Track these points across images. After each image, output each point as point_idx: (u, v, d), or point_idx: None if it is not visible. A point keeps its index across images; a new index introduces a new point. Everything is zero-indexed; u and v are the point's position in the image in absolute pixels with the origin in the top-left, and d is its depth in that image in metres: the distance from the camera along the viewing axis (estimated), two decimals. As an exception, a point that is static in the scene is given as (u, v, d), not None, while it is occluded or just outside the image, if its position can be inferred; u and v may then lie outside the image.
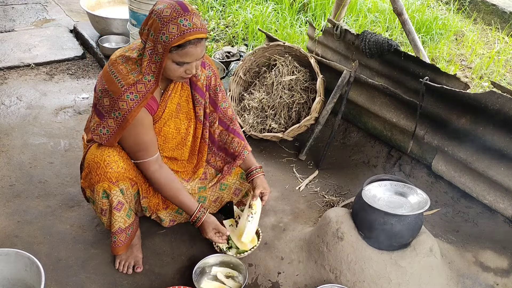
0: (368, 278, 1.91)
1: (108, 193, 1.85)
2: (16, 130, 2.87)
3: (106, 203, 1.88)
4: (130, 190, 1.94)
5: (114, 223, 1.92)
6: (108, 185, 1.83)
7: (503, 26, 4.88)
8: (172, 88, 1.89)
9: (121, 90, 1.70)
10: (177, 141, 2.04)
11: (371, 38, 2.73)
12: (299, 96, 2.97)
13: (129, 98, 1.70)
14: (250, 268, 2.10)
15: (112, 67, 1.75)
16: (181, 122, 2.00)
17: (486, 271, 2.08)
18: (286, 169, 2.83)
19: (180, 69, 1.72)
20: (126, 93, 1.70)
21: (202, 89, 2.00)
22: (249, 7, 4.38)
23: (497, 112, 2.17)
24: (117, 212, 1.90)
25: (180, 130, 2.01)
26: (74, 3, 4.78)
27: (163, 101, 1.88)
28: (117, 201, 1.88)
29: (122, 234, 1.96)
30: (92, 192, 1.88)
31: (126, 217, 1.94)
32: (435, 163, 2.54)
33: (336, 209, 2.16)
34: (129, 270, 2.04)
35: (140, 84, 1.72)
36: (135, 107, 1.72)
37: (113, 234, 1.94)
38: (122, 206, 1.91)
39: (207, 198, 2.18)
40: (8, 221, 2.22)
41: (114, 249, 1.98)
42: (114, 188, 1.85)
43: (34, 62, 3.66)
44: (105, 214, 1.92)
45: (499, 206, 2.31)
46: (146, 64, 1.71)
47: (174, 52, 1.66)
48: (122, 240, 1.97)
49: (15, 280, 1.81)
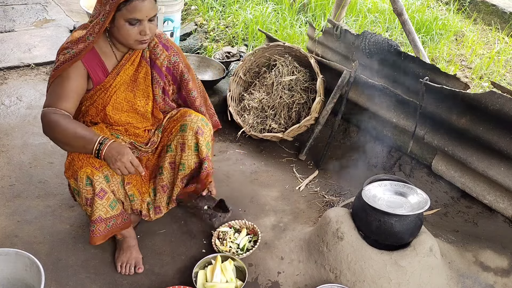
0: (368, 278, 1.91)
1: (92, 179, 1.80)
2: (16, 130, 2.87)
3: (90, 191, 1.83)
4: (115, 177, 1.91)
5: (95, 210, 1.86)
6: (91, 170, 1.79)
7: (503, 26, 4.88)
8: (127, 58, 1.92)
9: (65, 45, 1.81)
10: (130, 115, 2.01)
11: (371, 38, 2.73)
12: (299, 96, 2.97)
13: (68, 52, 1.79)
14: (250, 268, 2.10)
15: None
16: (137, 98, 1.99)
17: (486, 271, 2.08)
18: (286, 169, 2.83)
19: (133, 29, 1.77)
20: (67, 49, 1.79)
21: (161, 69, 2.01)
22: (249, 8, 4.38)
23: (497, 112, 2.17)
24: (99, 199, 1.85)
25: (134, 105, 1.99)
26: (74, 3, 4.78)
27: (114, 69, 1.90)
28: (99, 187, 1.83)
29: (101, 224, 1.90)
30: (75, 181, 1.82)
31: (108, 207, 1.90)
32: (435, 163, 2.54)
33: (336, 209, 2.16)
34: (130, 271, 2.03)
35: (81, 43, 1.79)
36: (68, 62, 1.78)
37: (92, 222, 1.89)
38: (105, 195, 1.87)
39: None
40: (8, 221, 2.21)
41: (91, 238, 1.92)
42: (97, 173, 1.81)
43: (34, 62, 3.65)
44: (90, 204, 1.87)
45: (499, 206, 2.31)
46: (92, 25, 1.78)
47: (123, 9, 1.72)
48: (101, 230, 1.91)
49: (15, 280, 1.81)
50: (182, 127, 2.04)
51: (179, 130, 2.04)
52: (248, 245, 2.19)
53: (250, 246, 2.18)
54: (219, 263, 1.99)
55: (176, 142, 2.05)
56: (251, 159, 2.89)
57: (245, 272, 2.00)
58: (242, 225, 2.28)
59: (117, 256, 2.07)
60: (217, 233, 2.22)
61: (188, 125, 2.02)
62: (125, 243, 2.08)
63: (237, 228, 2.27)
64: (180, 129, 2.04)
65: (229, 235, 2.22)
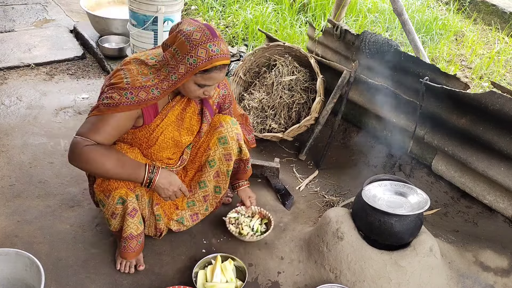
0: (368, 278, 1.91)
1: (125, 199, 1.85)
2: (16, 130, 2.87)
3: (120, 208, 1.88)
4: (145, 197, 1.96)
5: (126, 228, 1.92)
6: (125, 191, 1.84)
7: (503, 26, 4.88)
8: (178, 100, 1.90)
9: (124, 85, 1.70)
10: (172, 151, 2.01)
11: (371, 38, 2.73)
12: (299, 96, 2.97)
13: (126, 96, 1.70)
14: (250, 268, 2.10)
15: (124, 66, 1.77)
16: (182, 136, 1.98)
17: (486, 271, 2.08)
18: (286, 169, 2.83)
19: (199, 90, 1.76)
20: (126, 91, 1.70)
21: (212, 107, 2.03)
22: (249, 8, 4.39)
23: (497, 112, 2.17)
24: (130, 218, 1.90)
25: (178, 143, 1.99)
26: (74, 3, 4.78)
27: (164, 110, 1.87)
28: (132, 207, 1.88)
29: (133, 241, 1.95)
30: (106, 198, 1.86)
31: (138, 224, 1.94)
32: (435, 163, 2.54)
33: (336, 209, 2.16)
34: (131, 269, 2.03)
35: (144, 92, 1.71)
36: (123, 105, 1.69)
37: (124, 239, 1.94)
38: (135, 213, 1.91)
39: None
40: (8, 221, 2.21)
41: (123, 253, 1.98)
42: (131, 195, 1.86)
43: (34, 62, 3.66)
44: (115, 217, 1.91)
45: (499, 206, 2.31)
46: (161, 79, 1.71)
47: (199, 75, 1.69)
48: (132, 247, 1.97)
49: (15, 280, 1.81)
50: (221, 140, 2.07)
51: (219, 143, 2.07)
52: (260, 227, 2.24)
53: (263, 229, 2.23)
54: (219, 263, 1.99)
55: (219, 155, 2.09)
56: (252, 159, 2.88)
57: (245, 272, 2.00)
58: (248, 210, 2.31)
59: (118, 254, 2.08)
60: (228, 219, 2.25)
61: (228, 137, 2.07)
62: None
63: (243, 213, 2.31)
64: (220, 142, 2.07)
65: (243, 220, 2.25)
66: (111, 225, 1.95)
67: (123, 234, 1.94)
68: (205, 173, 2.13)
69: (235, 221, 2.25)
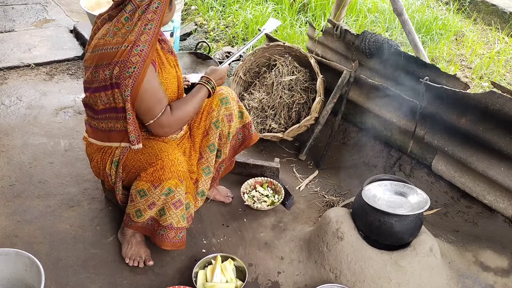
0: (368, 278, 1.91)
1: (172, 190, 1.85)
2: (16, 130, 2.87)
3: (163, 199, 1.88)
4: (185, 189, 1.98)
5: (168, 217, 1.91)
6: (176, 182, 1.85)
7: (503, 26, 4.87)
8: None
9: (126, 49, 1.68)
10: (174, 87, 2.00)
11: (371, 38, 2.73)
12: (299, 96, 2.97)
13: (138, 50, 1.69)
14: (250, 268, 2.10)
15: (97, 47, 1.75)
16: (172, 68, 1.98)
17: (486, 271, 2.08)
18: (286, 169, 2.83)
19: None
20: (134, 48, 1.69)
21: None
22: (249, 7, 4.38)
23: (497, 112, 2.17)
24: (174, 208, 1.91)
25: (178, 78, 1.99)
26: (74, 3, 4.78)
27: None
28: (177, 198, 1.89)
29: (171, 231, 1.94)
30: (153, 187, 1.85)
31: (181, 218, 1.94)
32: (435, 163, 2.54)
33: (336, 209, 2.16)
34: (140, 263, 2.06)
35: (144, 35, 1.71)
36: (148, 54, 1.70)
37: (163, 227, 1.94)
38: (180, 205, 1.92)
39: None
40: (8, 221, 2.22)
41: (162, 242, 1.97)
42: (180, 186, 1.88)
43: (34, 62, 3.66)
44: (152, 208, 1.91)
45: (499, 206, 2.31)
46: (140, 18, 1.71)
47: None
48: (170, 237, 1.95)
49: (15, 280, 1.81)
50: (223, 100, 2.14)
51: (221, 103, 2.14)
52: (273, 198, 2.50)
53: (276, 199, 2.49)
54: (219, 263, 2.00)
55: (222, 115, 2.14)
56: (251, 159, 2.88)
57: (245, 272, 2.00)
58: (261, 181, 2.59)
59: (125, 251, 2.09)
60: (246, 196, 2.50)
61: (229, 97, 2.15)
62: (135, 239, 2.11)
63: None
64: (222, 102, 2.14)
65: (259, 194, 2.53)
66: (143, 216, 1.93)
67: (163, 223, 1.93)
68: (212, 136, 2.16)
69: (252, 198, 2.50)
